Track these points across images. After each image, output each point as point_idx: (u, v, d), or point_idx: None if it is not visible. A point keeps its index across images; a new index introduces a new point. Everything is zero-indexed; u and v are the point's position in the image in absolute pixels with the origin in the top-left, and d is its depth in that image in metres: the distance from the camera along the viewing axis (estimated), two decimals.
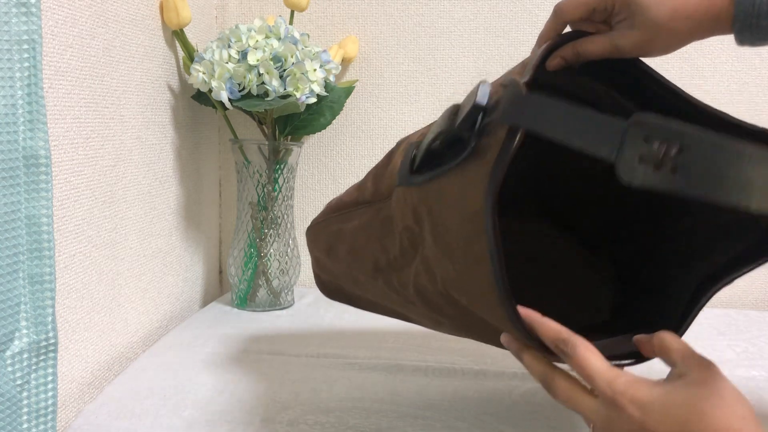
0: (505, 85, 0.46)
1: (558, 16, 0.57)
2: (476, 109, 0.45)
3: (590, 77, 0.57)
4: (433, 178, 0.50)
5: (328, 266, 0.68)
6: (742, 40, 0.52)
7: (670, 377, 0.43)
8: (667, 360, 0.45)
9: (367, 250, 0.62)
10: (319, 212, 0.69)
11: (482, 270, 0.46)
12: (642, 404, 0.41)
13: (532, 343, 0.47)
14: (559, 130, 0.40)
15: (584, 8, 0.55)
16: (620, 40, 0.54)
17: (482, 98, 0.45)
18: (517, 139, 0.43)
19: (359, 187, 0.62)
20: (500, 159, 0.43)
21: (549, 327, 0.46)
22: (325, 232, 0.66)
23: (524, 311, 0.47)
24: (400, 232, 0.56)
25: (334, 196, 0.71)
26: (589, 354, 0.43)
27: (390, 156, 0.60)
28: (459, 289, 0.51)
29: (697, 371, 0.42)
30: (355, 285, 0.65)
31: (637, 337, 0.50)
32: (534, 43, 1.06)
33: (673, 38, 0.53)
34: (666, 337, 0.46)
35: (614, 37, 0.54)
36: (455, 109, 0.49)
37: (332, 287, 0.70)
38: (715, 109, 0.54)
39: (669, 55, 0.54)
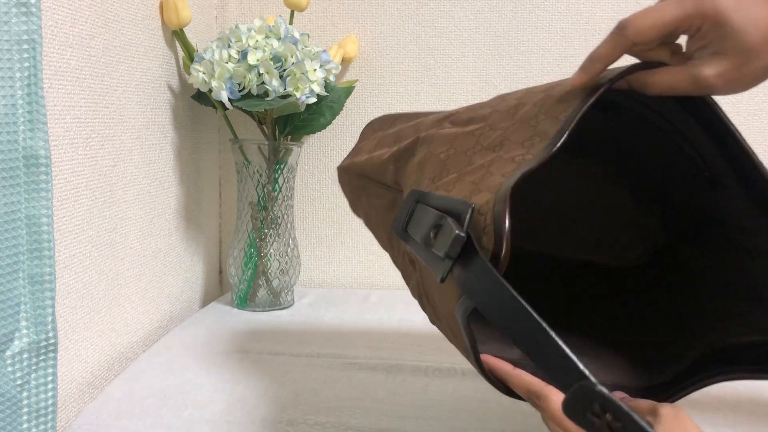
0: (498, 201, 0.43)
1: (624, 35, 0.47)
2: (448, 257, 0.43)
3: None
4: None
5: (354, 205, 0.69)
6: None
7: None
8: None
9: (379, 233, 0.63)
10: (353, 147, 0.67)
11: (459, 340, 0.47)
12: None
13: (506, 394, 0.48)
14: (511, 334, 0.39)
15: (661, 29, 0.46)
16: (703, 70, 0.46)
17: (454, 250, 0.42)
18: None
19: (382, 163, 0.61)
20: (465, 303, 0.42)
21: (521, 380, 0.46)
22: (350, 186, 0.67)
23: (495, 364, 0.47)
24: (402, 251, 0.56)
25: (345, 161, 0.70)
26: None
27: (414, 145, 0.57)
28: (443, 329, 0.53)
29: (666, 421, 0.43)
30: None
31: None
32: (534, 43, 1.06)
33: (766, 64, 0.45)
34: (631, 403, 0.48)
35: (695, 67, 0.46)
36: (437, 222, 0.45)
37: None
38: None
39: None
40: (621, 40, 0.47)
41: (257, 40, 0.86)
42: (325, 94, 0.92)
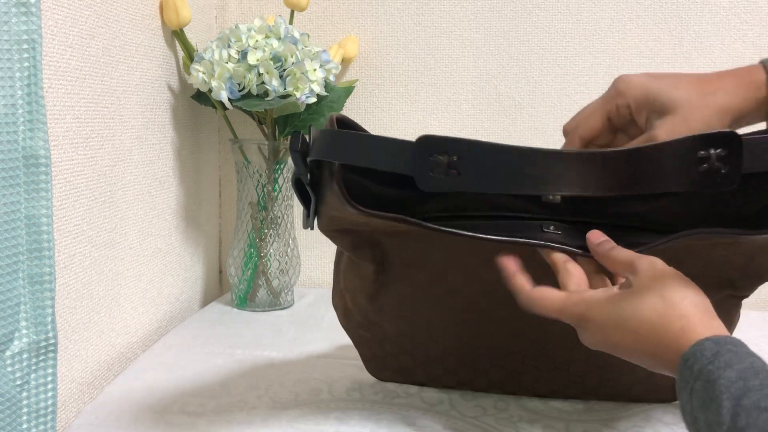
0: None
1: (570, 138, 0.53)
2: (294, 151, 0.51)
3: None
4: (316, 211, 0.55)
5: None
6: None
7: (622, 287, 0.46)
8: (618, 272, 0.47)
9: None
10: None
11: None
12: (600, 326, 0.44)
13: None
14: (364, 157, 0.46)
15: (595, 121, 0.52)
16: (655, 132, 0.48)
17: (295, 143, 0.51)
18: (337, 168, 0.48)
19: None
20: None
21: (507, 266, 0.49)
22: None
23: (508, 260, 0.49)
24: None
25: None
26: (538, 293, 0.47)
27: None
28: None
29: (641, 278, 0.43)
30: None
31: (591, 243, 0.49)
32: (534, 43, 1.06)
33: (711, 109, 0.48)
34: (610, 253, 0.47)
35: (649, 132, 0.49)
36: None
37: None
38: None
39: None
40: (570, 143, 0.53)
41: (257, 40, 0.86)
42: (325, 94, 0.92)
